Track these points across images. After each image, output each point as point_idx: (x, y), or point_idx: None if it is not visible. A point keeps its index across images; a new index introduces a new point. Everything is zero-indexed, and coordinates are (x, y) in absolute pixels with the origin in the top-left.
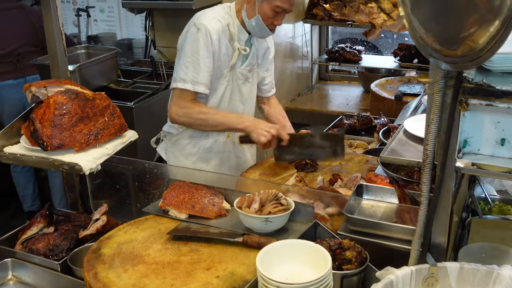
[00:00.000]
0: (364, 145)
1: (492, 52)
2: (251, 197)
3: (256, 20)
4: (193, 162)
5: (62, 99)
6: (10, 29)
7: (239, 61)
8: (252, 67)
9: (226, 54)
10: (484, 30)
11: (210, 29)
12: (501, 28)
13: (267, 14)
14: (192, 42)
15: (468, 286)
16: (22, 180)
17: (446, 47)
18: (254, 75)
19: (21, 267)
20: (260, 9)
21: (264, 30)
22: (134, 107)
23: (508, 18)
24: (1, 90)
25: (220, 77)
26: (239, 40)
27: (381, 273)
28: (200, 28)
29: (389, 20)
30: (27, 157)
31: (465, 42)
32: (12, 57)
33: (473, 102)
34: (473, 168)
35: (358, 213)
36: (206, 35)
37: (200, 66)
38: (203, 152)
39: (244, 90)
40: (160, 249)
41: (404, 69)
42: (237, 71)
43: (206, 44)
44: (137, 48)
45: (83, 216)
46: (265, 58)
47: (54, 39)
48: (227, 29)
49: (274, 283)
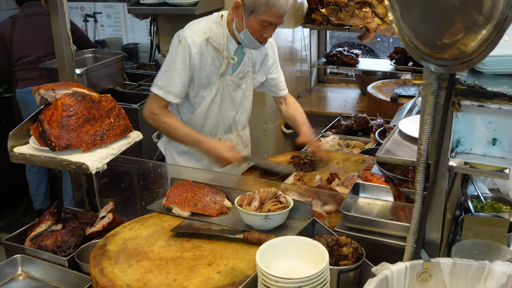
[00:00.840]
0: (361, 145)
1: (484, 55)
2: (251, 195)
3: (244, 34)
4: (186, 160)
5: (70, 101)
6: (36, 35)
7: (229, 69)
8: (246, 74)
9: (212, 64)
10: (475, 33)
11: (190, 42)
12: (493, 32)
13: (254, 27)
14: (172, 52)
15: (461, 281)
16: (36, 180)
17: (436, 50)
18: (248, 82)
19: (30, 263)
20: (247, 23)
21: (254, 43)
22: (139, 109)
23: (500, 22)
24: (27, 95)
25: (209, 85)
26: (228, 49)
27: (377, 268)
28: (181, 40)
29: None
30: (35, 157)
31: (455, 46)
32: (38, 63)
33: (465, 103)
34: (465, 167)
35: (354, 211)
36: (185, 48)
37: (173, 76)
38: (195, 151)
39: (235, 96)
40: (164, 245)
41: (400, 72)
42: (227, 79)
43: (184, 56)
44: (142, 52)
45: (89, 214)
46: (263, 64)
47: (62, 44)
48: (214, 41)
49: (273, 278)
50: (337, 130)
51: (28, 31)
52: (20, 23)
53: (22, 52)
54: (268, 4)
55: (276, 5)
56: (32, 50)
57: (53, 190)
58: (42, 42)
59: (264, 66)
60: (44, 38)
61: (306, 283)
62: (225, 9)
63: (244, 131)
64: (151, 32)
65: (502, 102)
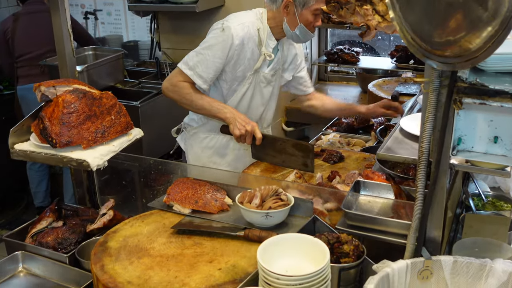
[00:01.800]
0: (362, 143)
1: (489, 52)
2: (252, 192)
3: (299, 29)
4: (208, 156)
5: (70, 98)
6: (37, 32)
7: (264, 65)
8: (276, 71)
9: (251, 58)
10: (480, 31)
11: (234, 34)
12: (499, 29)
13: (308, 20)
14: (213, 38)
15: (462, 279)
16: (37, 178)
17: (437, 47)
18: (277, 79)
19: (31, 260)
20: (301, 18)
21: (308, 35)
22: (140, 106)
23: (506, 19)
24: (28, 92)
25: (243, 79)
26: (267, 45)
27: (378, 266)
28: (225, 29)
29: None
30: (36, 154)
31: (458, 43)
32: (39, 60)
33: (467, 101)
34: (467, 165)
35: (355, 209)
36: (228, 38)
37: (208, 61)
38: (219, 147)
39: (265, 92)
40: (165, 242)
41: (401, 70)
42: (260, 75)
43: (224, 46)
44: (143, 50)
45: (90, 211)
46: (293, 63)
47: (63, 41)
48: (257, 35)
49: (274, 275)
50: (338, 128)
51: (30, 28)
52: (22, 20)
53: (24, 49)
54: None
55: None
56: (34, 47)
57: (54, 187)
58: (43, 39)
59: (293, 65)
60: (46, 35)
61: (307, 280)
62: (225, 6)
63: (268, 129)
64: (152, 29)
65: (504, 100)
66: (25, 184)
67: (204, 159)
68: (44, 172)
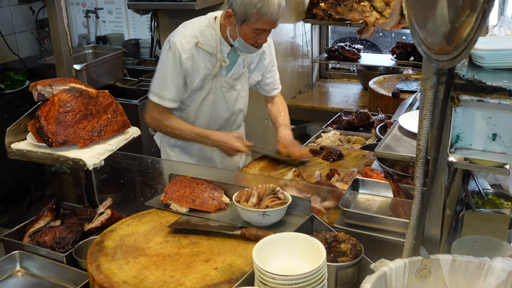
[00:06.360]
0: (362, 141)
1: (473, 42)
2: (249, 191)
3: (238, 42)
4: (176, 154)
5: (67, 97)
6: None
7: (223, 71)
8: (240, 75)
9: (206, 67)
10: (468, 22)
11: (180, 48)
12: (477, 18)
13: (248, 35)
14: (163, 58)
15: (461, 278)
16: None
17: (440, 44)
18: (243, 83)
19: (28, 259)
20: (241, 32)
21: (249, 48)
22: (139, 104)
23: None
24: None
25: (202, 87)
26: (221, 52)
27: (375, 265)
28: (171, 46)
29: (381, 18)
30: (33, 153)
31: (456, 37)
32: None
33: (464, 98)
34: (465, 162)
35: (354, 207)
36: (175, 54)
37: (167, 81)
38: (186, 145)
39: (229, 97)
40: (161, 241)
41: (401, 66)
42: (221, 80)
43: (175, 62)
44: (144, 48)
45: (88, 210)
46: (260, 63)
47: (60, 39)
48: (206, 44)
49: (270, 274)
50: (338, 125)
51: None
52: None
53: None
54: (259, 13)
55: (267, 13)
56: None
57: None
58: None
59: (260, 65)
60: None
61: (302, 280)
62: (225, 5)
63: (238, 130)
64: (152, 27)
65: (502, 96)
66: (27, 182)
67: (173, 157)
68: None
